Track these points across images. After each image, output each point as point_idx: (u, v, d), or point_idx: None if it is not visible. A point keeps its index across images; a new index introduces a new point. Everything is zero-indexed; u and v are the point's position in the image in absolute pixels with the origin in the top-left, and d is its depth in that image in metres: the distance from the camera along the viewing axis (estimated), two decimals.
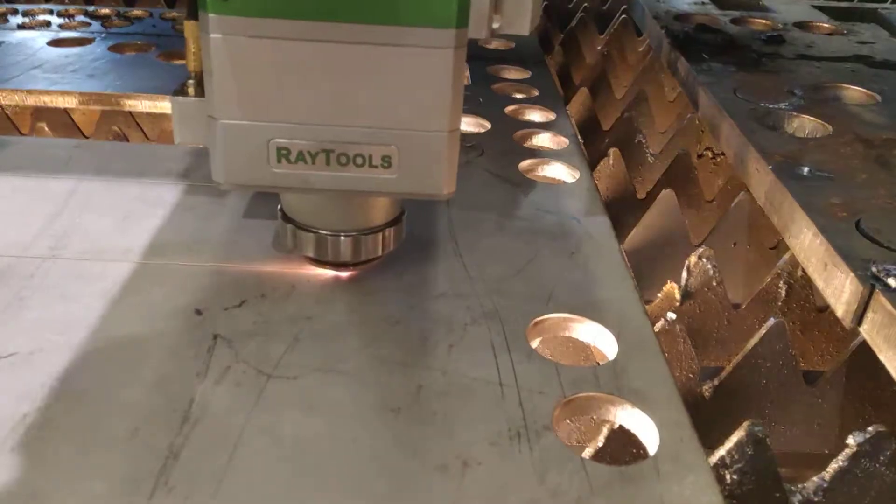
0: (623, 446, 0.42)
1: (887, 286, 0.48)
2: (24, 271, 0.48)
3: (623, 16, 1.19)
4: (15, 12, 0.99)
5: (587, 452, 0.43)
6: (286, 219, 0.47)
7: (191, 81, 0.44)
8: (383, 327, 0.45)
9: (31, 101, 0.75)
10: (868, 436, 0.43)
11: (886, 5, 1.29)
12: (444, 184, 0.43)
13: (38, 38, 0.90)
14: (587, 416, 0.42)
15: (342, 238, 0.47)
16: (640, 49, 1.17)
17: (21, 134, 0.84)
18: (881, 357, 0.47)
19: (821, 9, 1.18)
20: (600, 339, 0.47)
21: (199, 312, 0.45)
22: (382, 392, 0.40)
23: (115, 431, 0.37)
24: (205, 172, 0.61)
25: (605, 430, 0.43)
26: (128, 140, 0.78)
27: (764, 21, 1.07)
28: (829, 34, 1.05)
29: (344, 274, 0.49)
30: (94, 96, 0.75)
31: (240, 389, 0.40)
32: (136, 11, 1.01)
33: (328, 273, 0.49)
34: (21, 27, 0.94)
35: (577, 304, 0.48)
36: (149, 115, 0.81)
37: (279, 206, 0.48)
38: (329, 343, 0.44)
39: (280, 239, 0.49)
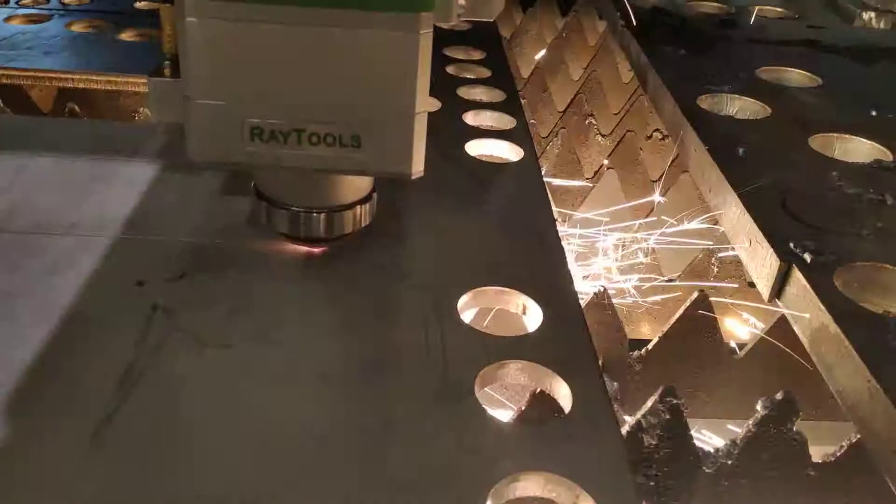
0: (543, 411, 0.45)
1: (804, 262, 0.51)
2: None
3: None
4: None
5: (508, 416, 0.46)
6: (260, 196, 0.49)
7: (167, 63, 0.46)
8: (320, 300, 0.47)
9: None
10: (775, 402, 0.46)
11: None
12: (412, 164, 0.45)
13: None
14: (509, 381, 0.44)
15: (314, 214, 0.48)
16: (601, 30, 1.19)
17: None
18: (795, 328, 0.50)
19: None
20: (529, 311, 0.49)
21: (140, 284, 0.47)
22: (315, 360, 0.42)
23: (54, 397, 0.38)
24: (154, 149, 0.62)
25: (526, 395, 0.46)
26: (83, 117, 0.79)
27: (719, 4, 1.09)
28: (781, 18, 1.07)
29: (317, 250, 0.51)
30: (50, 74, 0.76)
31: (177, 357, 0.41)
32: None
33: (268, 247, 0.51)
34: None
35: (510, 277, 0.50)
36: (105, 91, 0.82)
37: (252, 184, 0.49)
38: (266, 314, 0.45)
39: (255, 215, 0.50)
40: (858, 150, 0.69)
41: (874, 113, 0.76)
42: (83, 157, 0.61)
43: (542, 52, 1.15)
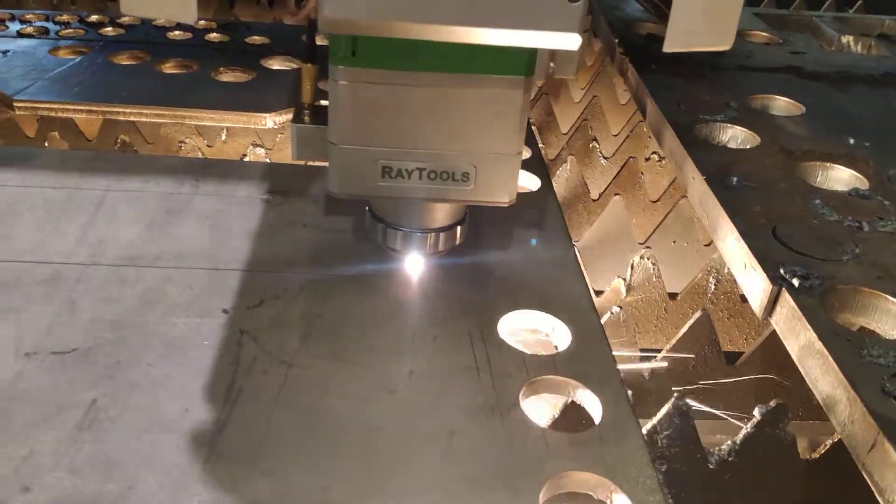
0: (574, 417, 0.52)
1: (792, 286, 0.59)
2: (70, 276, 0.56)
3: None
4: (12, 18, 1.05)
5: (547, 422, 0.53)
6: (375, 218, 0.58)
7: (306, 111, 0.56)
8: (377, 321, 0.55)
9: (45, 111, 0.82)
10: (769, 408, 0.54)
11: (820, 13, 1.40)
12: (509, 193, 0.55)
13: (39, 47, 0.97)
14: (547, 394, 0.52)
15: (419, 235, 0.57)
16: (596, 49, 1.27)
17: (28, 138, 0.91)
18: (786, 344, 0.58)
19: (760, 16, 1.28)
20: (558, 331, 0.57)
21: (225, 311, 0.54)
22: (382, 376, 0.50)
23: (169, 412, 0.46)
24: (213, 183, 0.69)
25: (560, 405, 0.53)
26: (134, 148, 0.86)
27: None
28: (766, 44, 1.15)
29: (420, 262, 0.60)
30: (102, 107, 0.83)
31: (266, 375, 0.49)
32: (126, 19, 1.07)
33: (334, 273, 0.58)
34: (20, 35, 1.00)
35: (539, 300, 0.58)
36: (147, 122, 0.88)
37: (367, 207, 0.59)
38: (332, 336, 0.53)
39: (369, 234, 0.59)
40: (839, 177, 0.77)
41: (852, 141, 0.84)
42: (150, 190, 0.68)
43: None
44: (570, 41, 0.46)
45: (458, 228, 0.59)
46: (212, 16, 1.30)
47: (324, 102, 0.54)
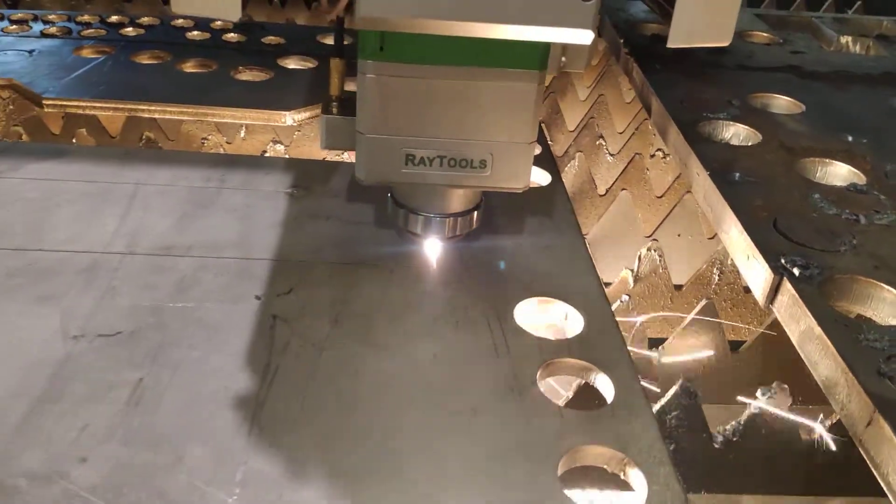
0: (589, 397, 0.56)
1: (792, 275, 0.62)
2: (109, 265, 0.59)
3: None
4: (35, 18, 1.08)
5: (562, 402, 0.57)
6: (398, 204, 0.62)
7: (334, 103, 0.60)
8: (403, 308, 0.58)
9: (72, 109, 0.85)
10: (771, 390, 0.57)
11: (820, 13, 1.43)
12: (523, 180, 0.58)
13: (63, 47, 1.00)
14: (562, 376, 0.55)
15: (438, 219, 0.61)
16: (601, 49, 1.30)
17: (53, 135, 0.94)
18: (787, 330, 0.61)
19: (761, 17, 1.31)
20: (571, 317, 0.60)
21: (258, 298, 0.57)
22: (409, 359, 0.53)
23: (211, 390, 0.49)
24: (238, 178, 0.73)
25: (575, 386, 0.56)
26: (158, 144, 0.89)
27: None
28: (767, 44, 1.18)
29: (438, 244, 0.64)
30: (127, 105, 0.86)
31: (300, 357, 0.52)
32: (145, 19, 1.11)
33: (358, 262, 0.62)
34: (44, 35, 1.04)
35: (552, 289, 0.61)
36: (169, 119, 0.91)
37: (390, 194, 0.63)
38: (360, 321, 0.56)
39: (392, 219, 0.63)
40: (837, 173, 0.80)
41: (850, 138, 0.87)
42: (179, 184, 0.71)
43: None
44: (583, 36, 0.50)
45: (475, 214, 0.62)
46: None
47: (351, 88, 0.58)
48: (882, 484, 0.47)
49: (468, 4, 0.48)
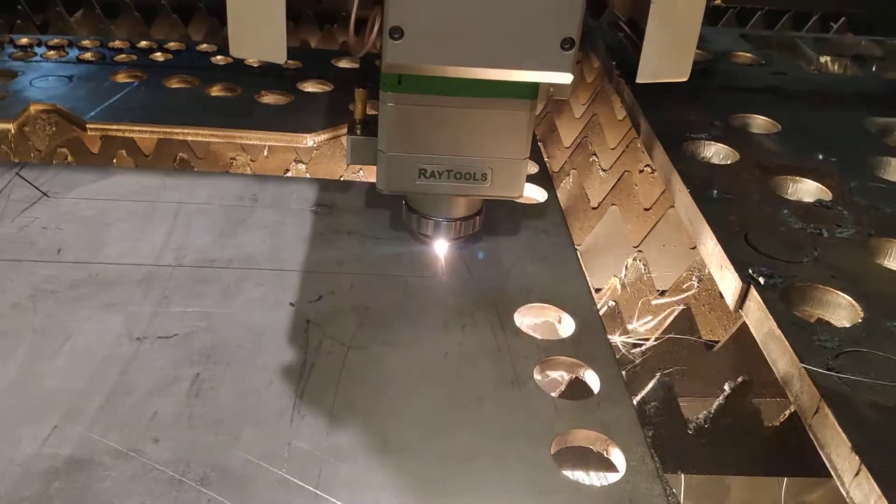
0: (578, 390, 0.64)
1: (759, 283, 0.70)
2: (162, 276, 0.68)
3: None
4: (70, 44, 1.17)
5: (555, 393, 0.65)
6: (411, 210, 0.72)
7: (358, 126, 0.71)
8: (417, 313, 0.66)
9: (113, 132, 0.94)
10: (736, 383, 0.65)
11: (802, 33, 1.51)
12: (518, 190, 0.70)
13: (98, 72, 1.09)
14: (556, 371, 0.64)
15: (445, 223, 0.72)
16: (596, 67, 1.38)
17: (92, 154, 1.03)
18: (753, 331, 0.69)
19: (746, 37, 1.39)
20: (564, 320, 0.69)
21: (292, 304, 0.66)
22: (425, 356, 0.62)
23: (258, 383, 0.58)
24: (269, 197, 0.81)
25: (566, 379, 0.65)
26: (191, 164, 0.98)
27: (700, 51, 1.28)
28: (750, 65, 1.27)
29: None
30: (163, 128, 0.95)
31: (331, 356, 0.61)
32: (172, 44, 1.19)
33: (377, 273, 0.70)
34: (80, 60, 1.12)
35: (548, 296, 0.70)
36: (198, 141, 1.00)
37: (404, 202, 0.73)
38: (382, 324, 0.65)
39: (405, 223, 0.74)
40: (807, 189, 0.88)
41: (821, 157, 0.96)
42: (216, 203, 0.80)
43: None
44: (564, 78, 0.61)
45: (476, 218, 0.73)
46: None
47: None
48: (826, 463, 0.55)
49: (472, 54, 0.59)
